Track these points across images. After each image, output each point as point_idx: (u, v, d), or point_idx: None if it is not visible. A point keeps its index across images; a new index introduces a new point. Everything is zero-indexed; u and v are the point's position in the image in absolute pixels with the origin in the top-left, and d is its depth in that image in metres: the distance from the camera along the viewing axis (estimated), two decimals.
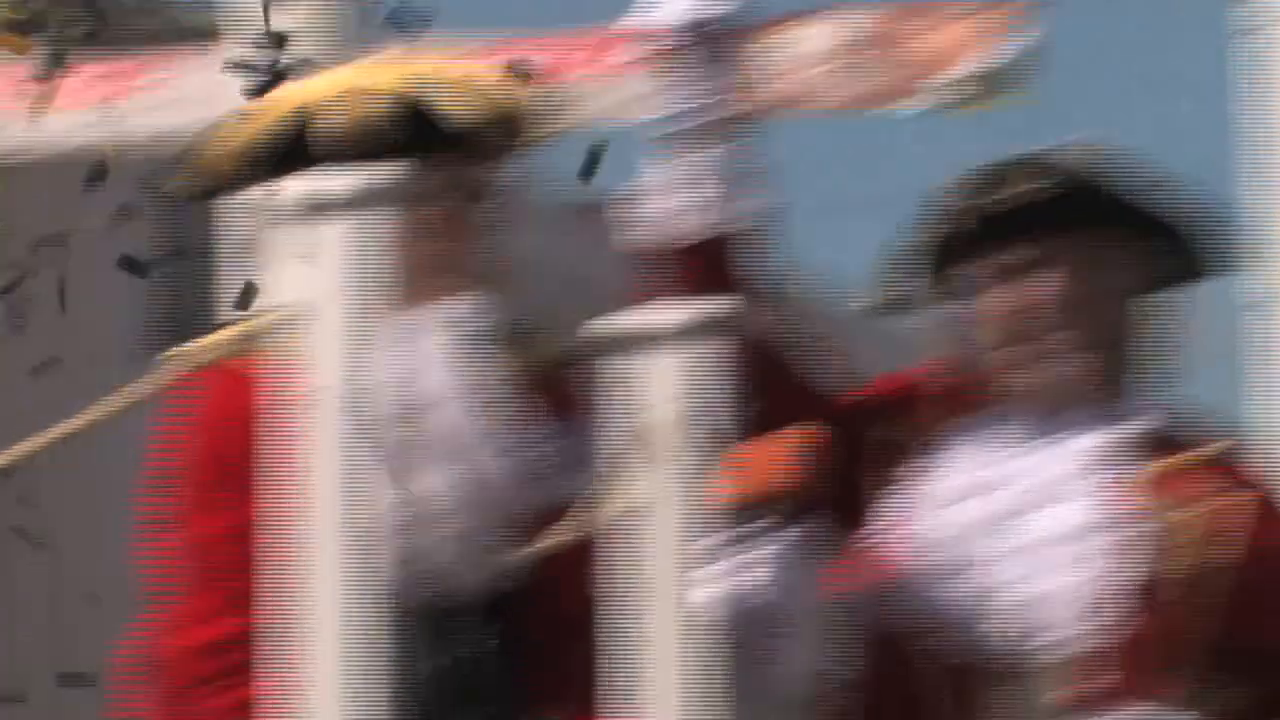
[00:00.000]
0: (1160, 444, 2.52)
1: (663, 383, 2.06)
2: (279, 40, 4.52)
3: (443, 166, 2.54)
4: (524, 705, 2.60)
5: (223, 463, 2.51)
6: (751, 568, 2.38)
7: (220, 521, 2.55)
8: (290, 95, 2.73)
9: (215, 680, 2.51)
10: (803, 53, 5.58)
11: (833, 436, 2.54)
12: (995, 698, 2.46)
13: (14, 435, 2.54)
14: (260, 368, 2.27)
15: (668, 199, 2.50)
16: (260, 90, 3.11)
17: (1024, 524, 2.46)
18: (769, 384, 2.41)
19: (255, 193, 2.09)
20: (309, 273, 1.75)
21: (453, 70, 2.66)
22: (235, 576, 2.42)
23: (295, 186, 1.81)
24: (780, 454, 2.47)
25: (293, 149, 2.53)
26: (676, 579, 2.08)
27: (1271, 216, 4.75)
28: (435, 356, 2.54)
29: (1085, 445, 2.51)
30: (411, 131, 2.54)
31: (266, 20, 4.64)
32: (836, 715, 2.48)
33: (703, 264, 2.46)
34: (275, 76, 3.75)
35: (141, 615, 2.63)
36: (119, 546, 3.55)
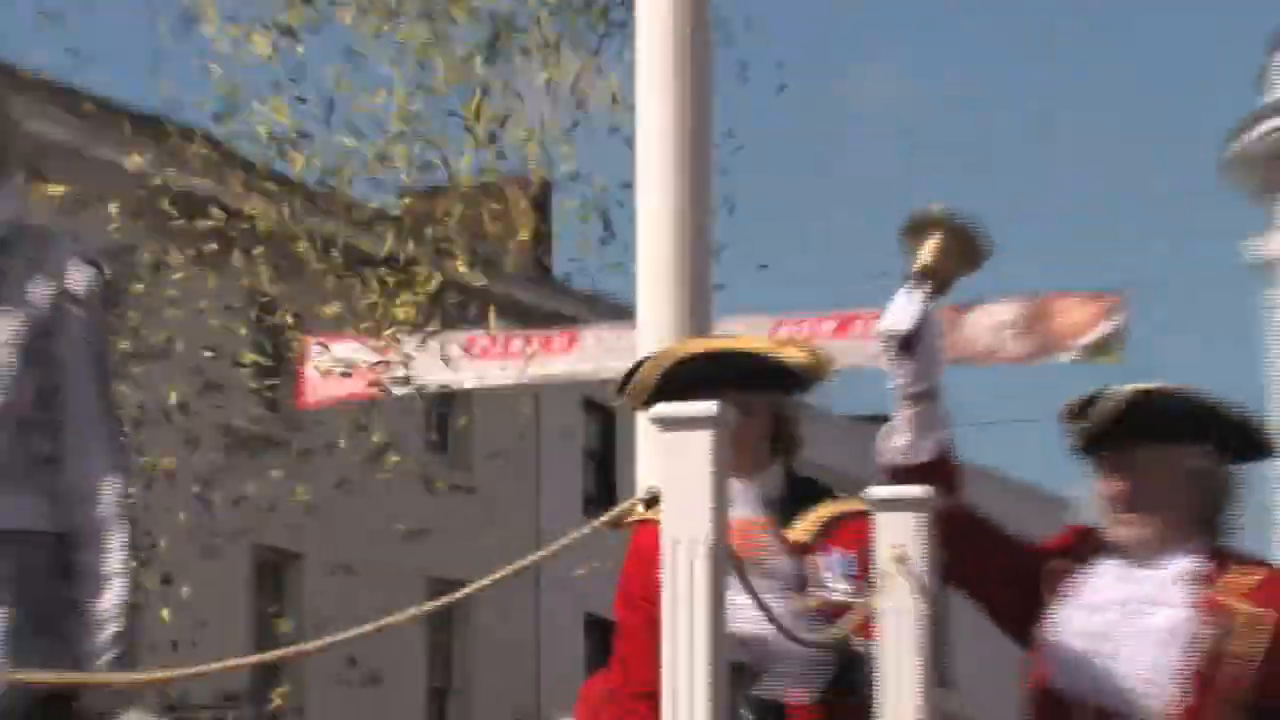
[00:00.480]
0: (1224, 566, 3.88)
1: (901, 530, 3.69)
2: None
3: (772, 394, 4.13)
4: None
5: (645, 579, 3.80)
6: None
7: (638, 616, 3.94)
8: (679, 349, 4.38)
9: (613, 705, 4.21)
10: (991, 323, 9.20)
11: (1022, 567, 3.95)
12: None
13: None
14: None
15: (898, 438, 3.89)
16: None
17: (1140, 622, 3.75)
18: (969, 535, 3.92)
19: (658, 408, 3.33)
20: (680, 461, 3.00)
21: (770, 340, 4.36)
22: (640, 655, 3.81)
23: (668, 408, 3.11)
24: None
25: (675, 383, 3.96)
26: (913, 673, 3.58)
27: None
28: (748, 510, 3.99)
29: (1176, 570, 3.85)
30: (753, 373, 4.09)
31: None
32: None
33: (918, 474, 3.86)
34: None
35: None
36: None
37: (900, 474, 3.88)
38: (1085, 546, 3.97)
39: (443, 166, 10.89)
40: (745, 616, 3.45)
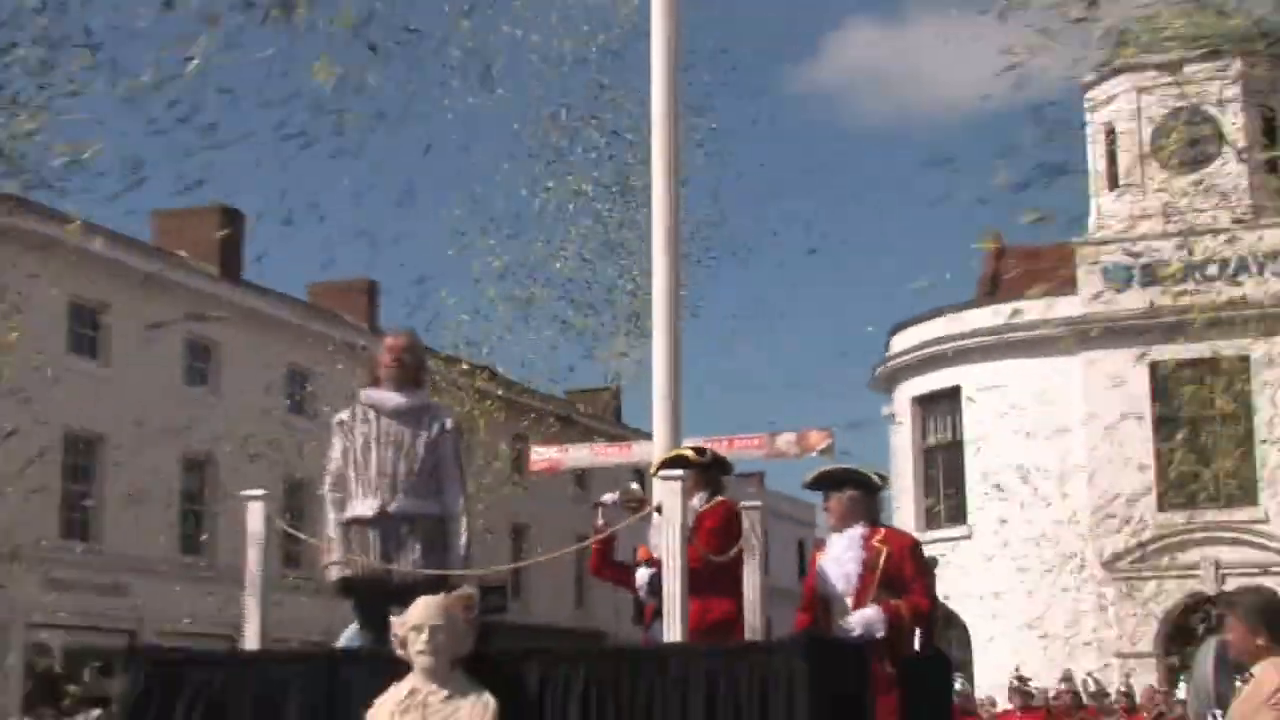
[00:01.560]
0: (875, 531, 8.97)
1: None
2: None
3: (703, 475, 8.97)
4: None
5: None
6: None
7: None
8: (671, 452, 9.45)
9: None
10: (785, 444, 13.85)
11: None
12: None
13: None
14: None
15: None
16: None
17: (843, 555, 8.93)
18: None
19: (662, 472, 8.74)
20: (669, 489, 8.31)
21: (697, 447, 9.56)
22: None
23: (665, 472, 8.44)
24: None
25: (665, 464, 8.88)
26: None
27: None
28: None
29: (853, 533, 8.85)
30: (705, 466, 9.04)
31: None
32: None
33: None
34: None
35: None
36: None
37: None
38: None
39: None
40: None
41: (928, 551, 9.83)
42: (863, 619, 8.57)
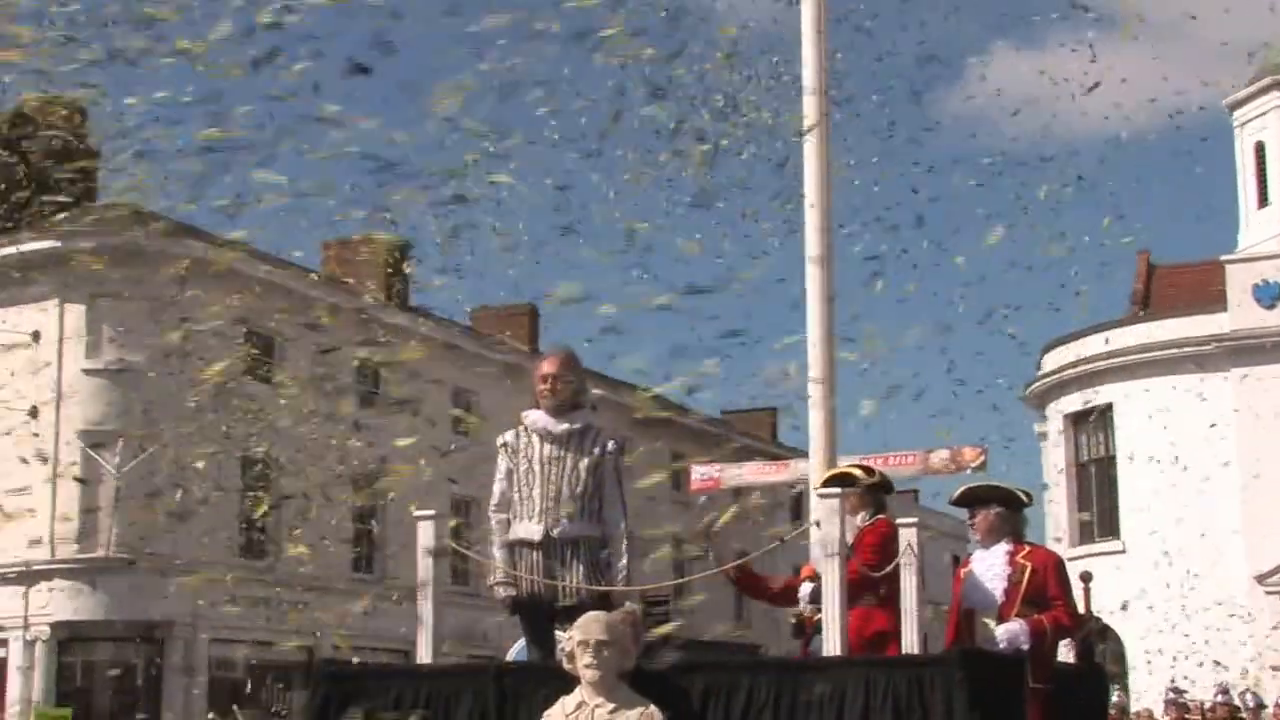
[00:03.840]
0: (1019, 547, 8.99)
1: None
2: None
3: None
4: None
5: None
6: None
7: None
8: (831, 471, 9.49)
9: None
10: (939, 461, 13.81)
11: None
12: None
13: None
14: None
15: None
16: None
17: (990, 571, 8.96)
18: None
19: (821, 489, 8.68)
20: (829, 507, 8.32)
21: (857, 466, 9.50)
22: None
23: (825, 490, 8.46)
24: None
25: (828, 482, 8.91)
26: None
27: None
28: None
29: (1000, 549, 8.92)
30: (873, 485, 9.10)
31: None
32: None
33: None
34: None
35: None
36: None
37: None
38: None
39: None
40: None
41: (1082, 565, 9.74)
42: (1007, 632, 8.61)
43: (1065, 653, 9.56)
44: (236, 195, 7.83)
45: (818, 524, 8.20)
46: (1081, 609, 9.12)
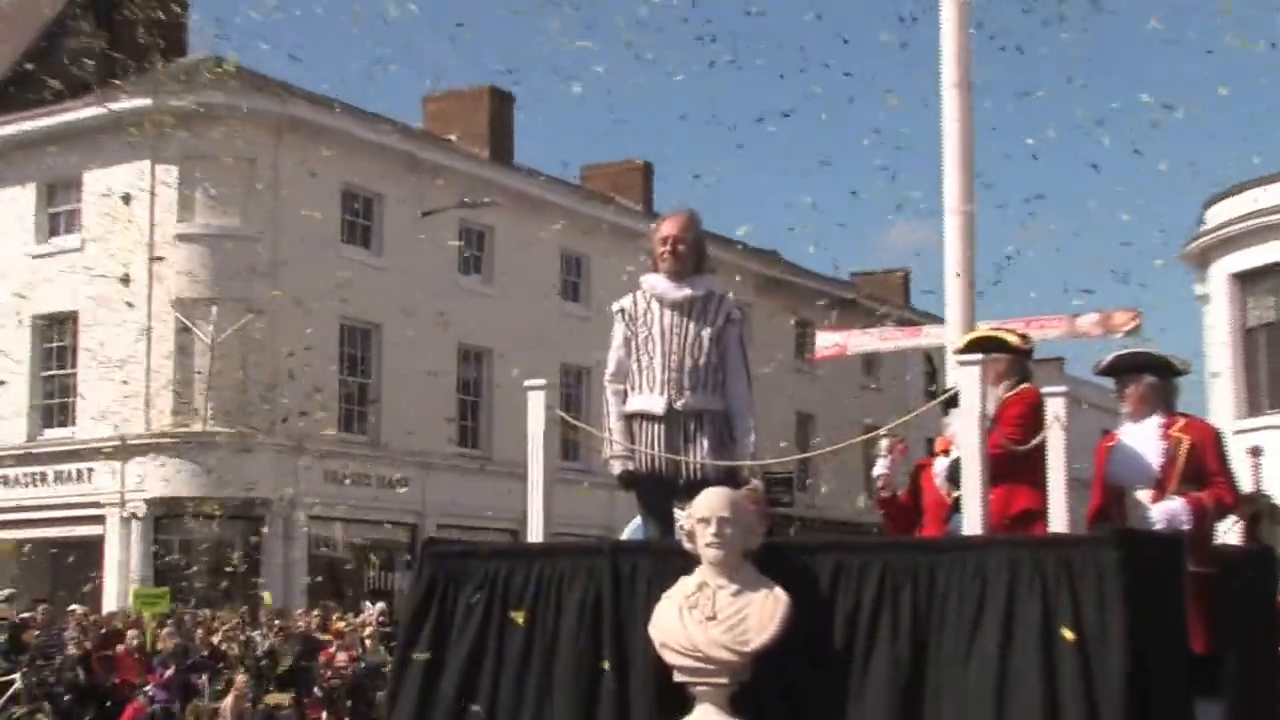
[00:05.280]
0: (1173, 420, 8.79)
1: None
2: None
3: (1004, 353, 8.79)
4: None
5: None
6: None
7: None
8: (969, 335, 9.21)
9: None
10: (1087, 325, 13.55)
11: None
12: None
13: None
14: None
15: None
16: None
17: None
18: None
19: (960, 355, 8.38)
20: (968, 374, 8.11)
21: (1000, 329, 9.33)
22: None
23: (963, 356, 8.28)
24: None
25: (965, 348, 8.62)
26: None
27: None
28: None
29: (1152, 422, 8.72)
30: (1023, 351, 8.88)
31: None
32: None
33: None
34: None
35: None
36: None
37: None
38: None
39: None
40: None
41: (1250, 440, 9.55)
42: (1166, 511, 8.37)
43: (1229, 534, 9.37)
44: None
45: (951, 396, 8.03)
46: (1249, 486, 8.91)
